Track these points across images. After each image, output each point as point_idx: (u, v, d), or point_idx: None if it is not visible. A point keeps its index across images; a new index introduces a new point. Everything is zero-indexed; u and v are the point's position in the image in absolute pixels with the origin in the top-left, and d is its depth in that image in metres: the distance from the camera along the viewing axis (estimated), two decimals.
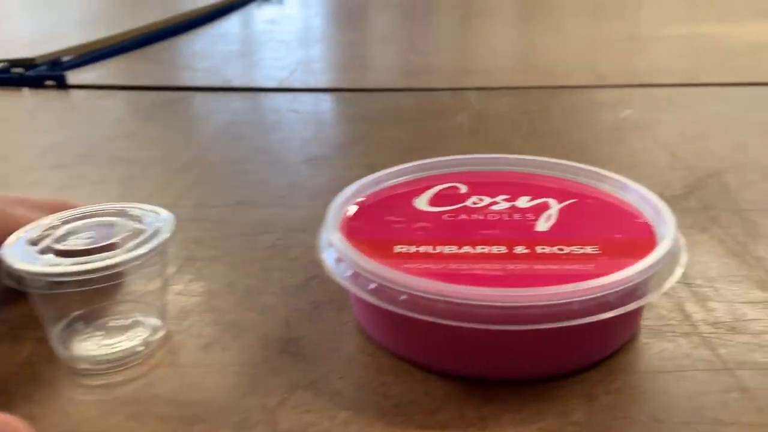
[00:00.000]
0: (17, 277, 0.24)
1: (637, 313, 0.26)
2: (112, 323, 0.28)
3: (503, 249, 0.26)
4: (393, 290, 0.23)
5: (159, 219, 0.27)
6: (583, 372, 0.24)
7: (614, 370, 0.24)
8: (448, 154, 0.35)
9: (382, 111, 0.59)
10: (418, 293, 0.22)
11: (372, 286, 0.24)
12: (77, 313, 0.27)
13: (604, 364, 0.25)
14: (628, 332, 0.26)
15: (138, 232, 0.26)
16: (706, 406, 0.22)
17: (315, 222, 0.36)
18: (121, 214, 0.27)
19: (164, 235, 0.26)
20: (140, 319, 0.28)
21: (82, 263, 0.24)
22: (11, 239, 0.26)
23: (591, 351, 0.24)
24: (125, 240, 0.26)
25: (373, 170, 0.33)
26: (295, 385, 0.24)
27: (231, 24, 1.16)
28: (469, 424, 0.22)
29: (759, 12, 1.10)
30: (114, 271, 0.24)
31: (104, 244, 0.25)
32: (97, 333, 0.27)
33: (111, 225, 0.27)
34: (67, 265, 0.24)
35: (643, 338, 0.26)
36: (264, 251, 0.34)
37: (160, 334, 0.27)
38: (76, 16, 1.19)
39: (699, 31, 0.93)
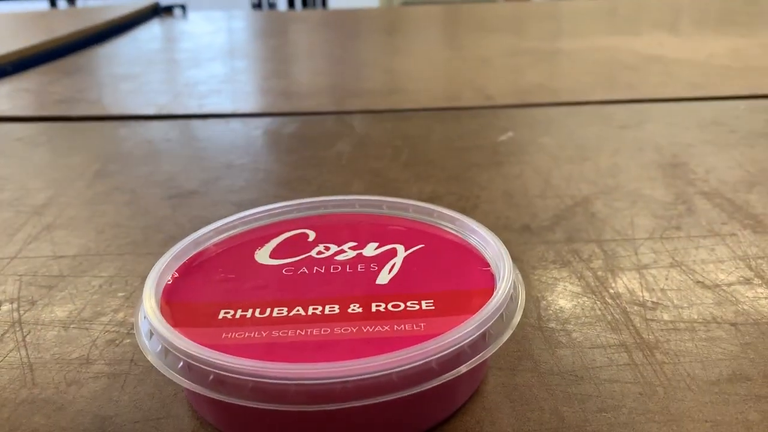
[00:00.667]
0: None
1: (474, 371, 0.25)
2: None
3: (336, 309, 0.24)
4: (201, 369, 0.21)
5: None
6: None
7: None
8: (321, 187, 0.33)
9: (261, 138, 0.56)
10: (225, 373, 0.20)
11: (180, 365, 0.21)
12: None
13: (442, 429, 0.23)
14: (468, 391, 0.24)
15: None
16: None
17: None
18: None
19: None
20: None
21: None
22: None
23: (422, 419, 0.23)
24: None
25: (240, 208, 0.31)
26: None
27: (125, 42, 1.11)
28: None
29: (653, 23, 1.14)
30: None
31: None
32: None
33: None
34: None
35: (489, 392, 0.25)
36: (102, 310, 0.31)
37: None
38: None
39: (594, 45, 0.95)
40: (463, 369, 0.21)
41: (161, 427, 0.24)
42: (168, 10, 1.46)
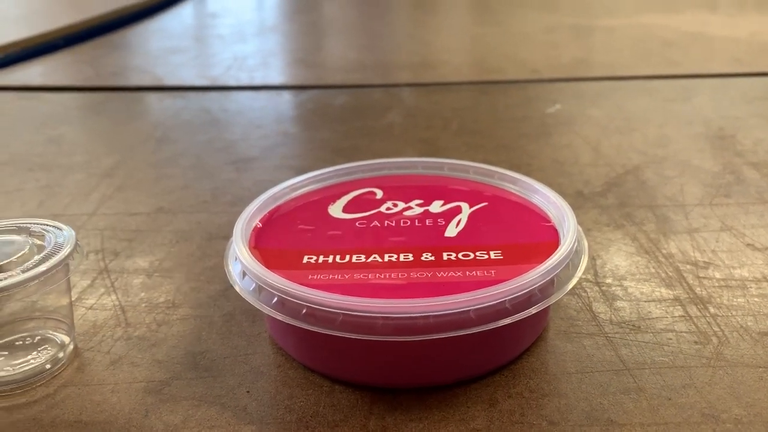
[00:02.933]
0: None
1: (543, 314, 0.26)
2: (18, 342, 0.27)
3: (410, 257, 0.26)
4: (295, 304, 0.23)
5: (60, 236, 0.26)
6: (489, 376, 0.25)
7: (518, 373, 0.25)
8: (375, 155, 0.35)
9: (313, 110, 0.58)
10: (317, 307, 0.22)
11: (275, 300, 0.24)
12: None
13: (509, 368, 0.25)
14: (534, 335, 0.26)
15: (39, 249, 0.25)
16: (602, 407, 0.23)
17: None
18: (22, 231, 0.27)
19: (65, 252, 0.25)
20: (48, 335, 0.27)
21: None
22: None
23: (494, 357, 0.25)
24: (24, 258, 0.25)
25: (299, 172, 0.33)
26: (201, 400, 0.24)
27: (171, 18, 1.13)
28: None
29: (694, 2, 1.13)
30: (12, 291, 0.23)
31: (3, 262, 0.25)
32: (2, 353, 0.26)
33: (11, 243, 0.26)
34: None
35: (551, 338, 0.27)
36: (184, 260, 0.33)
37: (69, 350, 0.27)
38: None
39: (635, 22, 0.95)
40: (533, 310, 0.23)
41: (249, 362, 0.26)
42: None
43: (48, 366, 0.26)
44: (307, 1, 1.35)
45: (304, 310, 0.23)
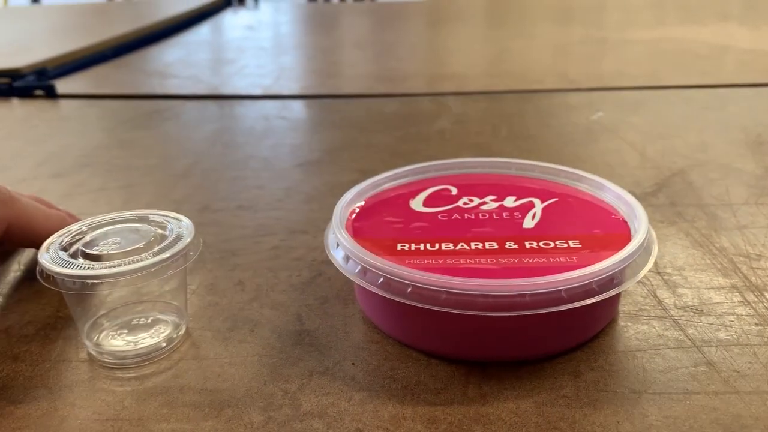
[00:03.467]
0: (53, 279, 0.26)
1: (616, 299, 0.29)
2: (135, 321, 0.30)
3: (495, 245, 0.29)
4: (400, 283, 0.26)
5: (180, 225, 0.29)
6: (570, 353, 0.27)
7: (596, 350, 0.27)
8: (432, 158, 0.37)
9: (366, 117, 0.61)
10: (423, 285, 0.25)
11: (380, 280, 0.26)
12: (104, 312, 0.30)
13: (588, 346, 0.28)
14: (608, 317, 0.29)
15: (161, 237, 0.28)
16: (677, 378, 0.25)
17: (314, 224, 0.39)
18: (144, 220, 0.30)
19: (186, 240, 0.28)
20: (161, 317, 0.30)
21: (110, 266, 0.26)
22: (45, 245, 0.28)
23: (576, 334, 0.27)
24: (150, 245, 0.28)
25: (365, 175, 0.36)
26: (312, 371, 0.27)
27: (206, 31, 1.17)
28: (472, 400, 0.25)
29: (719, 15, 1.15)
30: (139, 274, 0.26)
31: (130, 248, 0.28)
32: (123, 331, 0.29)
33: (136, 230, 0.29)
34: (96, 269, 0.26)
35: (621, 322, 0.29)
36: (269, 252, 0.36)
37: (181, 330, 0.29)
38: (43, 27, 1.19)
39: (663, 35, 0.97)
40: (613, 291, 0.26)
41: (349, 339, 0.29)
42: (241, 1, 1.53)
43: (164, 344, 0.29)
44: (337, 16, 1.39)
45: (409, 289, 0.26)
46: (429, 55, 0.93)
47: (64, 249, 0.27)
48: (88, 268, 0.26)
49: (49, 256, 0.27)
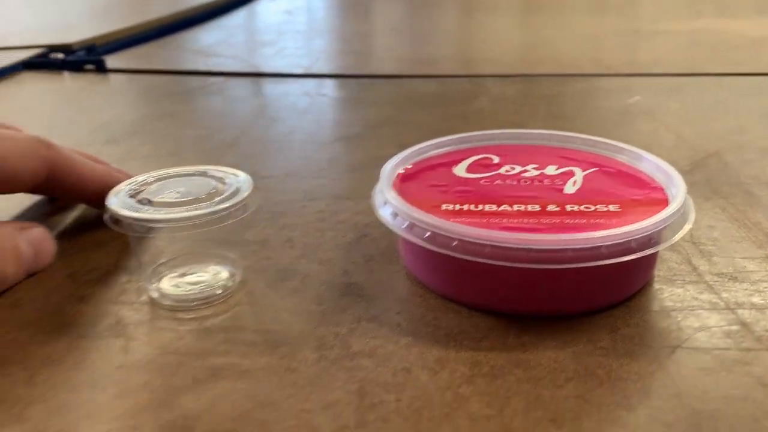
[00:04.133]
0: (121, 223, 0.28)
1: (652, 261, 0.30)
2: (193, 270, 0.32)
3: (537, 207, 0.30)
4: (445, 237, 0.27)
5: (238, 180, 0.31)
6: (606, 310, 0.28)
7: (632, 309, 0.28)
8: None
9: (404, 96, 0.63)
10: (468, 239, 0.27)
11: (427, 234, 0.28)
12: (164, 260, 0.31)
13: (624, 305, 0.29)
14: (644, 278, 0.30)
15: (221, 190, 0.30)
16: (711, 336, 0.26)
17: (357, 192, 0.41)
18: (205, 174, 0.31)
19: (244, 193, 0.30)
20: (217, 267, 0.32)
21: (174, 212, 0.28)
22: (113, 192, 0.30)
23: (613, 292, 0.28)
24: (211, 195, 0.29)
25: (403, 148, 0.37)
26: (360, 318, 0.28)
27: (245, 15, 1.19)
28: (512, 348, 0.26)
29: (758, 9, 1.14)
30: (201, 221, 0.28)
31: (192, 198, 0.29)
32: (181, 278, 0.31)
33: (198, 182, 0.31)
34: (161, 214, 0.28)
35: (656, 285, 0.30)
36: (315, 215, 0.38)
37: (236, 280, 0.31)
38: (86, 7, 1.22)
39: (698, 27, 0.97)
40: (651, 250, 0.27)
41: (393, 292, 0.30)
42: None
43: (219, 291, 0.30)
44: (372, 3, 1.40)
45: (455, 242, 0.27)
46: (464, 41, 0.94)
47: (131, 196, 0.29)
48: (154, 213, 0.28)
49: (118, 201, 0.29)
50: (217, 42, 0.92)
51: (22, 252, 0.30)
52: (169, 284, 0.31)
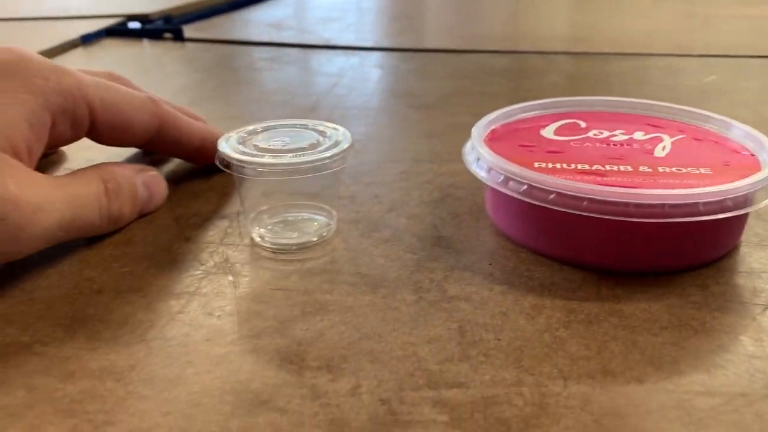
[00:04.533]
0: (232, 165, 0.30)
1: (742, 224, 0.30)
2: (291, 218, 0.33)
3: (629, 168, 0.30)
4: (543, 190, 0.28)
5: (338, 133, 0.32)
6: (695, 270, 0.29)
7: (721, 269, 0.29)
8: None
9: (476, 70, 0.63)
10: (566, 192, 0.27)
11: (523, 188, 0.29)
12: (265, 207, 0.33)
13: (712, 266, 0.29)
14: (734, 240, 0.30)
15: (322, 141, 0.31)
16: None
17: (437, 156, 0.42)
18: (307, 127, 0.33)
19: (344, 145, 0.31)
20: (315, 216, 0.33)
21: (281, 158, 0.29)
22: (224, 137, 0.31)
23: (705, 250, 0.29)
24: (313, 145, 0.31)
25: (479, 118, 0.38)
26: (453, 267, 0.29)
27: None
28: (605, 299, 0.27)
29: None
30: (305, 167, 0.29)
31: (297, 146, 0.31)
32: (280, 225, 0.33)
33: (301, 133, 0.32)
34: (269, 158, 0.29)
35: (744, 249, 0.31)
36: (399, 175, 0.39)
37: (331, 229, 0.33)
38: None
39: (757, 13, 0.95)
40: (746, 210, 0.27)
41: (483, 245, 0.31)
42: None
43: (314, 239, 0.32)
44: None
45: (552, 195, 0.28)
46: (532, 20, 0.94)
47: (240, 143, 0.31)
48: (263, 157, 0.29)
49: (229, 146, 0.30)
50: (285, 16, 0.94)
51: (139, 193, 0.32)
52: (270, 230, 0.32)
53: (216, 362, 0.23)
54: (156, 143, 0.36)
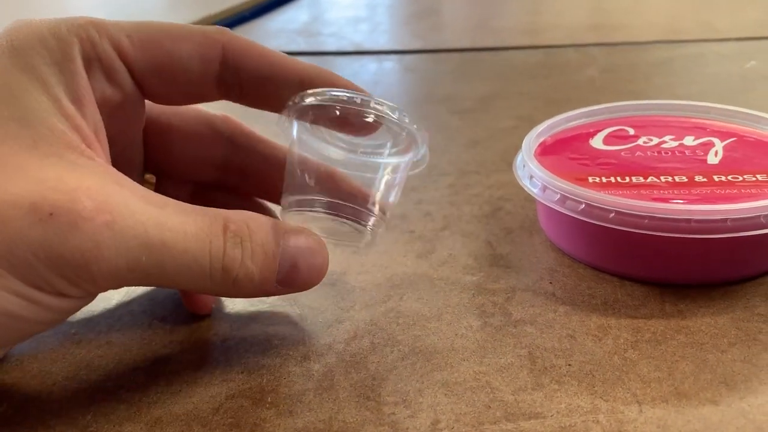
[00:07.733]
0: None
1: None
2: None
3: (684, 178, 0.30)
4: (602, 209, 0.28)
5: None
6: (758, 278, 0.29)
7: None
8: (590, 105, 0.39)
9: (511, 68, 0.63)
10: (626, 210, 0.27)
11: (582, 207, 0.29)
12: None
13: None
14: None
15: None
16: None
17: (483, 166, 0.42)
18: None
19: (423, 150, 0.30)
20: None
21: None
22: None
23: (766, 260, 0.29)
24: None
25: (522, 121, 0.38)
26: (514, 288, 0.30)
27: None
28: (670, 315, 0.27)
29: None
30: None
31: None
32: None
33: None
34: None
35: None
36: (447, 189, 0.39)
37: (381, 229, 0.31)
38: None
39: None
40: None
41: (541, 263, 0.31)
42: None
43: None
44: None
45: (611, 214, 0.28)
46: (556, 6, 0.93)
47: None
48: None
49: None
50: (311, 19, 0.94)
51: (278, 252, 0.23)
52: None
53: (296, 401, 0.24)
54: (231, 86, 0.25)
